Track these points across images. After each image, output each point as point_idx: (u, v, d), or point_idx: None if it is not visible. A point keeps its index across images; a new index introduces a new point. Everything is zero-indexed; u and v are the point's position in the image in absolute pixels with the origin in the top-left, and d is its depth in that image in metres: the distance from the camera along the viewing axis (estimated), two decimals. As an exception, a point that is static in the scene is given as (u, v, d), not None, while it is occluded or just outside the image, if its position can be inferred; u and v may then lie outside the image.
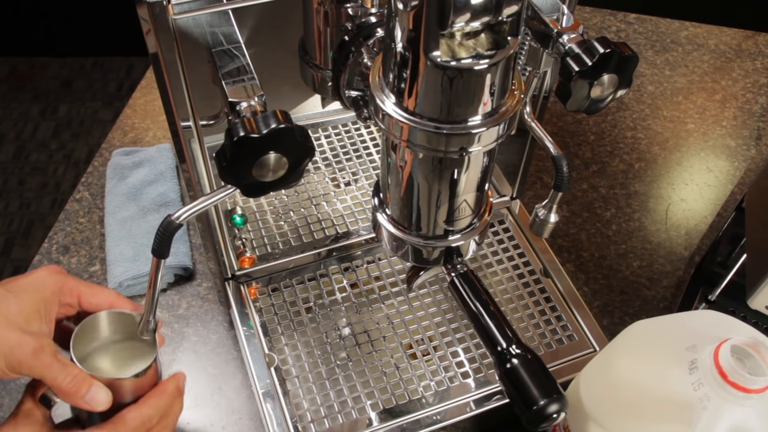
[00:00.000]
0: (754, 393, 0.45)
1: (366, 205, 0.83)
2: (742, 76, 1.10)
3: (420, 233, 0.55)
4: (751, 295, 0.66)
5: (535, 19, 0.56)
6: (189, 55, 0.52)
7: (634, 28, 1.17)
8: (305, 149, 0.48)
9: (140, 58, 2.36)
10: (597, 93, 0.52)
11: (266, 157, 0.47)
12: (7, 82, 2.34)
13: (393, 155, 0.50)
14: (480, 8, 0.39)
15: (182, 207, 0.51)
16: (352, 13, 0.59)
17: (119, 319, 0.57)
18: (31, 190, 2.05)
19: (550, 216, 0.61)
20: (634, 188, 0.93)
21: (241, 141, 0.45)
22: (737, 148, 0.99)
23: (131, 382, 0.54)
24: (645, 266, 0.85)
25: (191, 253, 0.82)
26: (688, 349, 0.49)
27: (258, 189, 0.49)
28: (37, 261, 0.83)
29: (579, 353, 0.72)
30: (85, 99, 2.29)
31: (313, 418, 0.67)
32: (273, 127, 0.46)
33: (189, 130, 0.58)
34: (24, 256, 1.89)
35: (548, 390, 0.47)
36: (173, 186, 0.88)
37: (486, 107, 0.45)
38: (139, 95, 1.03)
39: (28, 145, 2.16)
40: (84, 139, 2.18)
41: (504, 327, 0.52)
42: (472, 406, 0.68)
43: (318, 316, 0.74)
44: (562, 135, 1.00)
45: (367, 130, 0.91)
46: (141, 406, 0.54)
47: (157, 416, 0.54)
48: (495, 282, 0.78)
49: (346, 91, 0.61)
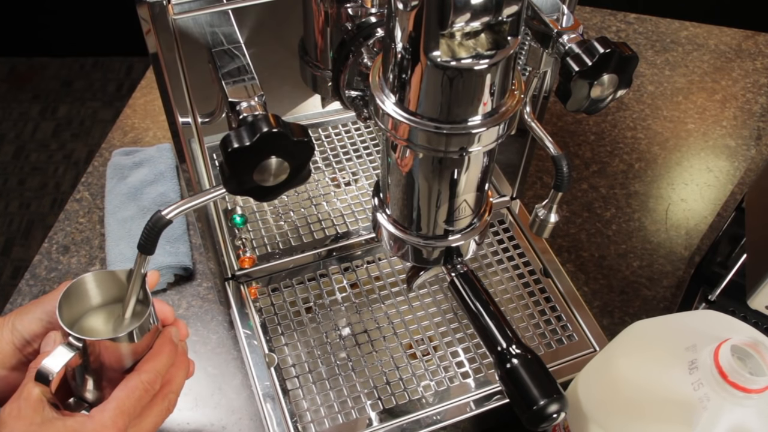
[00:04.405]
0: (754, 393, 0.45)
1: (366, 205, 0.83)
2: (742, 76, 1.10)
3: (420, 233, 0.55)
4: (751, 295, 0.66)
5: (535, 19, 0.56)
6: (189, 55, 0.52)
7: (634, 28, 1.17)
8: (305, 148, 0.48)
9: (140, 58, 2.36)
10: (597, 93, 0.52)
11: (265, 162, 0.46)
12: (7, 82, 2.34)
13: (393, 155, 0.50)
14: (480, 8, 0.39)
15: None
16: (352, 13, 0.59)
17: (106, 279, 0.54)
18: (31, 190, 2.05)
19: (550, 216, 0.61)
20: (634, 188, 0.93)
21: (235, 152, 0.45)
22: (737, 148, 0.99)
23: (127, 342, 0.51)
24: (645, 266, 0.85)
25: (191, 253, 0.82)
26: (688, 349, 0.49)
27: (266, 193, 0.49)
28: (37, 261, 0.83)
29: (579, 353, 0.72)
30: (85, 99, 2.29)
31: (313, 418, 0.67)
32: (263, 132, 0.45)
33: (189, 130, 0.58)
34: (24, 256, 1.89)
35: (548, 390, 0.47)
36: (173, 186, 0.88)
37: (486, 107, 0.45)
38: (139, 95, 1.03)
39: (28, 145, 2.16)
40: (84, 139, 2.18)
41: (504, 327, 0.52)
42: (472, 406, 0.68)
43: (318, 316, 0.74)
44: (562, 135, 1.00)
45: (367, 130, 0.91)
46: (140, 372, 0.52)
47: (159, 380, 0.52)
48: (495, 282, 0.78)
49: (346, 91, 0.61)
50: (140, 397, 0.51)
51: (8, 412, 0.48)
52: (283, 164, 0.47)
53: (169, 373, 0.54)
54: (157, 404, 0.53)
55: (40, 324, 0.54)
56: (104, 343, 0.51)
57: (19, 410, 0.48)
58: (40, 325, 0.54)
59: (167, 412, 0.55)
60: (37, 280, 0.81)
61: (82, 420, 0.49)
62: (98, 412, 0.50)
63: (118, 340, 0.51)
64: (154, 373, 0.52)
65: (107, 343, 0.51)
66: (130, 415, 0.50)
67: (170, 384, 0.54)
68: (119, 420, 0.49)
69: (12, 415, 0.47)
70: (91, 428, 0.48)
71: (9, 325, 0.54)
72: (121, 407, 0.50)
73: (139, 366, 0.53)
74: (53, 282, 0.81)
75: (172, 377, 0.55)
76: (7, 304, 0.79)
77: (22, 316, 0.54)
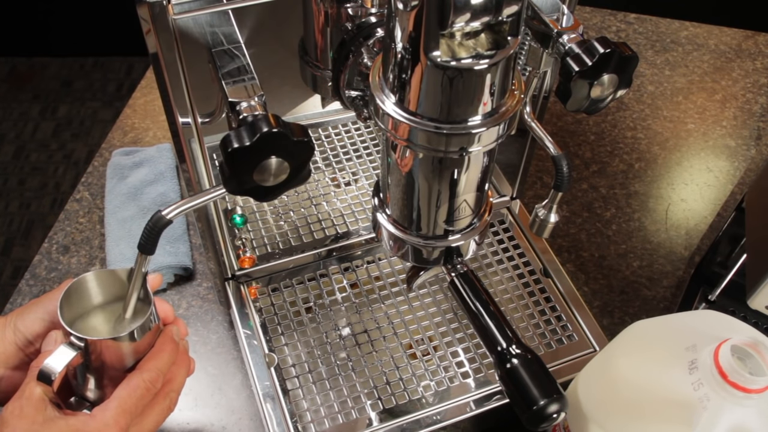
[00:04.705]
0: (754, 393, 0.45)
1: (366, 205, 0.83)
2: (742, 76, 1.10)
3: (420, 233, 0.55)
4: (751, 295, 0.66)
5: (535, 19, 0.56)
6: (189, 55, 0.52)
7: (634, 28, 1.17)
8: (305, 148, 0.48)
9: (140, 58, 2.36)
10: (597, 93, 0.52)
11: (265, 162, 0.46)
12: (7, 82, 2.34)
13: (393, 155, 0.50)
14: (480, 8, 0.39)
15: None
16: (352, 13, 0.59)
17: (107, 278, 0.54)
18: (31, 190, 2.05)
19: (550, 216, 0.61)
20: (634, 188, 0.93)
21: (235, 152, 0.45)
22: (737, 148, 0.99)
23: (129, 342, 0.51)
24: (645, 266, 0.85)
25: (191, 253, 0.82)
26: (688, 349, 0.49)
27: (266, 193, 0.49)
28: (37, 261, 0.83)
29: (579, 353, 0.72)
30: (85, 99, 2.29)
31: (313, 418, 0.67)
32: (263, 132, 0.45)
33: (189, 130, 0.58)
34: (24, 256, 1.89)
35: (548, 390, 0.47)
36: (173, 186, 0.88)
37: (486, 107, 0.45)
38: (139, 95, 1.03)
39: (28, 145, 2.16)
40: (84, 139, 2.18)
41: (504, 327, 0.52)
42: (472, 406, 0.68)
43: (318, 316, 0.74)
44: (562, 135, 1.00)
45: (367, 130, 0.91)
46: (142, 371, 0.52)
47: (161, 379, 0.52)
48: (495, 282, 0.78)
49: (346, 91, 0.61)
50: (142, 396, 0.51)
51: (10, 411, 0.48)
52: (283, 164, 0.47)
53: (171, 372, 0.54)
54: (158, 403, 0.53)
55: (42, 324, 0.54)
56: (106, 342, 0.51)
57: (22, 409, 0.48)
58: (41, 324, 0.54)
59: (168, 410, 0.55)
60: (37, 280, 0.81)
61: (85, 419, 0.49)
62: (100, 411, 0.50)
63: (119, 339, 0.51)
64: (156, 372, 0.52)
65: (109, 342, 0.51)
66: (132, 414, 0.50)
67: (171, 382, 0.54)
68: (121, 419, 0.49)
69: (14, 415, 0.48)
70: (94, 427, 0.48)
71: (11, 325, 0.54)
72: (123, 406, 0.50)
73: (141, 365, 0.53)
74: (53, 282, 0.81)
75: (173, 376, 0.55)
76: (7, 304, 0.79)
77: (24, 316, 0.54)
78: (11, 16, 2.35)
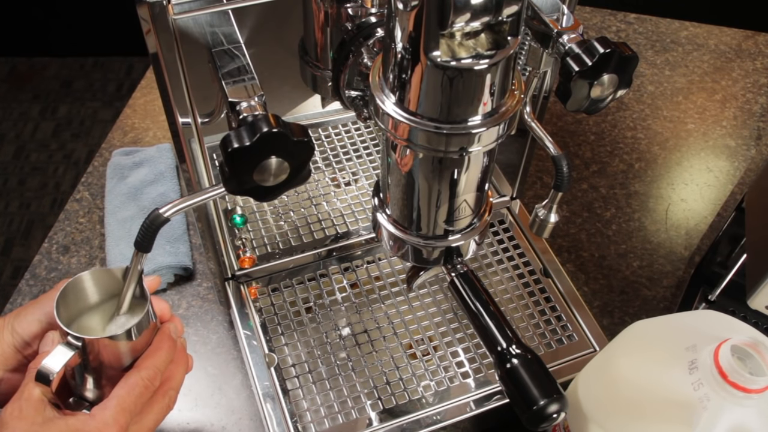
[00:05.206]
0: (754, 393, 0.45)
1: (366, 205, 0.83)
2: (742, 76, 1.10)
3: (420, 233, 0.55)
4: (751, 295, 0.66)
5: (535, 19, 0.56)
6: (189, 55, 0.52)
7: (634, 28, 1.17)
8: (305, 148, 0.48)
9: (140, 58, 2.36)
10: (597, 93, 0.52)
11: (265, 162, 0.46)
12: (7, 82, 2.34)
13: (393, 155, 0.50)
14: (480, 8, 0.39)
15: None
16: (352, 13, 0.59)
17: (103, 277, 0.54)
18: (31, 190, 2.05)
19: (550, 216, 0.61)
20: (634, 188, 0.93)
21: (235, 152, 0.45)
22: (737, 148, 0.99)
23: (126, 340, 0.51)
24: (645, 266, 0.85)
25: (191, 253, 0.82)
26: (688, 349, 0.49)
27: (266, 193, 0.48)
28: (37, 261, 0.83)
29: (579, 353, 0.72)
30: (85, 99, 2.29)
31: (313, 418, 0.67)
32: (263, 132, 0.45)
33: (189, 130, 0.58)
34: (24, 256, 1.89)
35: (548, 390, 0.47)
36: (173, 186, 0.88)
37: (486, 107, 0.45)
38: (139, 95, 1.03)
39: (28, 145, 2.16)
40: (84, 139, 2.18)
41: (504, 327, 0.52)
42: (472, 406, 0.68)
43: (318, 316, 0.74)
44: (562, 135, 1.00)
45: (367, 130, 0.91)
46: (140, 369, 0.52)
47: (159, 376, 0.52)
48: (495, 282, 0.78)
49: (346, 91, 0.61)
50: (141, 394, 0.51)
51: (9, 413, 0.48)
52: (283, 164, 0.47)
53: (169, 370, 0.55)
54: (157, 401, 0.53)
55: (39, 325, 0.54)
56: (103, 341, 0.51)
57: (21, 410, 0.48)
58: (39, 326, 0.54)
59: (168, 408, 0.55)
60: (37, 280, 0.81)
61: (84, 419, 0.49)
62: (99, 410, 0.50)
63: (116, 338, 0.51)
64: (154, 370, 0.52)
65: (106, 341, 0.51)
66: (131, 413, 0.50)
67: (170, 380, 0.54)
68: (121, 417, 0.49)
69: (14, 416, 0.47)
70: (93, 426, 0.48)
71: (9, 327, 0.54)
72: (122, 405, 0.50)
73: (139, 363, 0.52)
74: (53, 282, 0.81)
75: (171, 374, 0.55)
76: (7, 304, 0.79)
77: (21, 317, 0.54)
78: (11, 16, 2.35)
